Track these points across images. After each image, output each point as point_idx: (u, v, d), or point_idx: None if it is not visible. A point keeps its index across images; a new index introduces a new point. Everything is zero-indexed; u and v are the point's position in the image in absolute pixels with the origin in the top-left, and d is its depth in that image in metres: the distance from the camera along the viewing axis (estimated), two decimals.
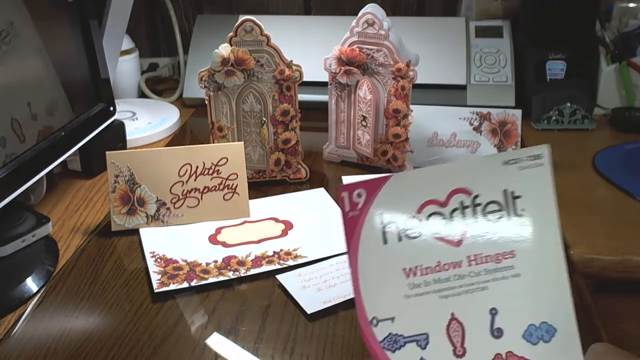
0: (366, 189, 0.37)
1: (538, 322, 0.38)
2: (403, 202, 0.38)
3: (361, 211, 0.37)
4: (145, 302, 0.61)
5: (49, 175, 0.81)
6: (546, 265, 0.38)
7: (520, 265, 0.38)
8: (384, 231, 0.37)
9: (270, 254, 0.68)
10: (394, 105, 0.83)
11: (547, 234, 0.38)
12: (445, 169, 0.38)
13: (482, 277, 0.38)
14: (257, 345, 0.55)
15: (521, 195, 0.38)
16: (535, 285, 0.38)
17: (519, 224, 0.38)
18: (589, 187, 0.84)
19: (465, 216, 0.38)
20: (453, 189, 0.38)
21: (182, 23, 1.29)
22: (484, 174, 0.38)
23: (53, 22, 0.75)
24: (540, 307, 0.38)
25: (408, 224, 0.38)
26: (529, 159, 0.38)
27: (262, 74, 0.80)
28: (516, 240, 0.38)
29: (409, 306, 0.37)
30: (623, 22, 1.12)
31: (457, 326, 0.38)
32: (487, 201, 0.38)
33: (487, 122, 0.86)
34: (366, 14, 0.82)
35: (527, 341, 0.38)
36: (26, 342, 0.55)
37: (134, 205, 0.73)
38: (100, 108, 0.84)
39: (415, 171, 0.38)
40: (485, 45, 1.11)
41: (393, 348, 0.37)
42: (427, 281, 0.38)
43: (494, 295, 0.38)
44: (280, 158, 0.84)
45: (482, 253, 0.38)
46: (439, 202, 0.38)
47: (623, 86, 1.07)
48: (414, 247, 0.37)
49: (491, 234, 0.38)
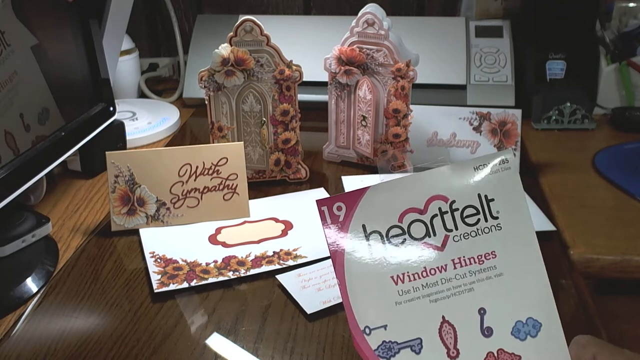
0: (345, 203, 0.38)
1: (524, 318, 0.39)
2: (383, 212, 0.38)
3: (342, 224, 0.38)
4: (145, 302, 0.61)
5: (49, 175, 0.81)
6: (525, 263, 0.39)
7: (502, 265, 0.39)
8: (368, 242, 0.38)
9: (270, 254, 0.68)
10: (394, 105, 0.83)
11: (523, 232, 0.40)
12: (420, 177, 0.39)
13: (467, 279, 0.39)
14: (256, 345, 0.55)
15: (494, 198, 0.39)
16: (518, 282, 0.39)
17: (495, 225, 0.39)
18: (589, 187, 0.84)
19: (445, 222, 0.39)
20: (430, 196, 0.39)
21: (182, 23, 1.29)
22: (457, 180, 0.39)
23: (53, 22, 0.75)
24: (524, 303, 0.39)
25: (391, 233, 0.38)
26: (498, 164, 0.40)
27: (262, 74, 0.80)
28: (495, 241, 0.39)
29: (400, 312, 0.38)
30: (623, 21, 1.12)
31: (448, 328, 0.38)
32: (464, 205, 0.39)
33: (487, 122, 0.86)
34: (366, 13, 0.82)
35: (516, 337, 0.39)
36: (26, 342, 0.55)
37: (133, 206, 0.73)
38: (100, 108, 0.84)
39: (391, 182, 0.39)
40: (485, 45, 1.11)
41: (388, 355, 0.38)
42: (415, 286, 0.38)
43: (481, 296, 0.39)
44: (280, 158, 0.84)
45: (464, 255, 0.39)
46: (418, 210, 0.39)
47: (623, 86, 1.07)
48: (399, 254, 0.38)
49: (471, 236, 0.39)
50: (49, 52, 0.73)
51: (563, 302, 0.63)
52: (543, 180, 0.85)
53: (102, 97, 0.85)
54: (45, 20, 0.73)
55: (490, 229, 0.39)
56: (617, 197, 0.81)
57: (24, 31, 0.67)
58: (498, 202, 0.39)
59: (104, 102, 0.85)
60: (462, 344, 0.38)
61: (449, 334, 0.38)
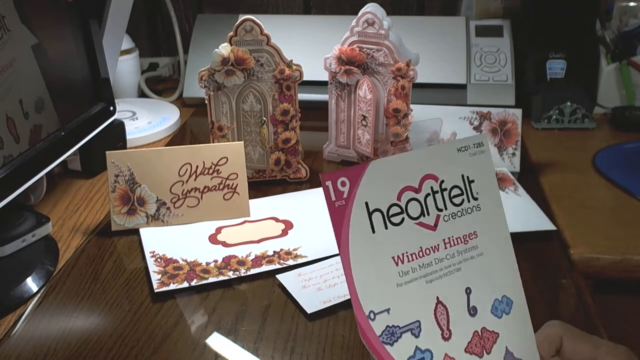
0: (348, 178, 0.38)
1: (500, 296, 0.41)
2: (384, 189, 0.39)
3: (347, 200, 0.38)
4: (145, 302, 0.61)
5: (49, 175, 0.81)
6: (499, 243, 0.41)
7: (482, 245, 0.41)
8: (370, 220, 0.38)
9: (270, 253, 0.68)
10: (394, 105, 0.83)
11: (496, 214, 0.41)
12: (415, 155, 0.41)
13: (456, 259, 0.40)
14: (257, 345, 0.55)
15: (474, 180, 0.41)
16: (495, 261, 0.41)
17: (475, 205, 0.41)
18: (589, 187, 0.84)
19: (437, 201, 0.40)
20: (424, 175, 0.40)
21: (182, 23, 1.29)
22: (444, 160, 0.41)
23: (53, 22, 0.75)
24: (500, 282, 0.41)
25: (391, 211, 0.39)
26: (475, 147, 0.41)
27: (262, 73, 0.80)
28: (475, 221, 0.41)
29: (400, 294, 0.38)
30: (623, 21, 1.12)
31: (442, 309, 0.39)
32: (451, 186, 0.40)
33: (487, 122, 0.86)
34: (366, 13, 0.82)
35: (494, 315, 0.40)
36: (26, 342, 0.55)
37: (134, 205, 0.73)
38: (100, 108, 0.84)
39: (390, 157, 0.40)
40: (486, 44, 1.11)
41: (391, 341, 0.38)
42: (413, 267, 0.39)
43: (468, 275, 0.40)
44: (280, 157, 0.84)
45: (453, 235, 0.40)
46: (414, 189, 0.39)
47: (623, 85, 1.07)
48: (398, 234, 0.39)
49: (458, 216, 0.40)
50: (49, 52, 0.73)
51: (563, 302, 0.63)
52: (543, 179, 0.85)
53: (102, 96, 0.85)
54: (46, 20, 0.73)
55: (473, 210, 0.41)
56: (618, 197, 0.81)
57: (24, 30, 0.67)
58: (477, 183, 0.41)
59: (104, 101, 0.85)
60: (453, 324, 0.39)
61: (442, 315, 0.39)
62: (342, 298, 0.59)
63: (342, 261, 0.38)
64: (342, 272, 0.63)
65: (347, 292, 0.60)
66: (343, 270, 0.38)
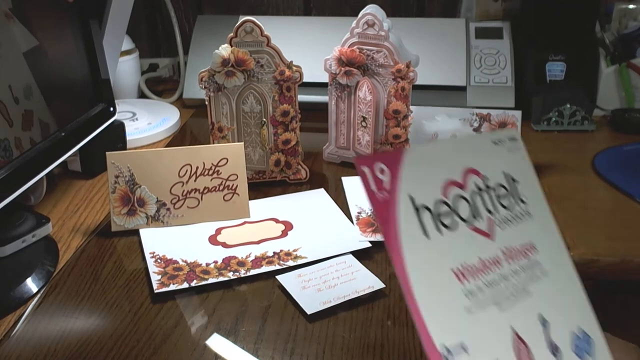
0: (386, 164, 0.31)
1: (576, 329, 0.33)
2: (427, 182, 0.32)
3: (390, 192, 0.30)
4: (145, 302, 0.61)
5: (49, 175, 0.81)
6: (561, 260, 0.34)
7: (544, 262, 0.33)
8: (420, 221, 0.31)
9: (270, 254, 0.68)
10: (394, 106, 0.83)
11: (549, 224, 0.35)
12: (450, 144, 0.34)
13: (522, 277, 0.32)
14: (257, 346, 0.55)
15: (518, 181, 0.35)
16: (562, 285, 0.33)
17: (526, 212, 0.34)
18: (589, 189, 0.84)
19: (485, 201, 0.33)
20: (466, 168, 0.33)
21: (182, 23, 1.29)
22: (482, 152, 0.35)
23: (53, 23, 0.75)
24: (572, 310, 0.33)
25: (440, 210, 0.31)
26: (509, 141, 0.35)
27: (262, 74, 0.80)
28: (530, 230, 0.34)
29: (473, 324, 0.30)
30: (623, 23, 1.12)
31: (522, 347, 0.31)
32: (496, 184, 0.34)
33: (487, 123, 0.86)
34: (366, 14, 0.82)
35: (578, 356, 0.32)
36: (26, 343, 0.55)
37: (134, 206, 0.73)
38: (101, 108, 0.84)
39: (424, 146, 0.33)
40: (485, 46, 1.11)
41: None
42: (479, 286, 0.31)
43: (538, 300, 0.32)
44: (280, 159, 0.84)
45: (511, 244, 0.33)
46: (458, 184, 0.33)
47: (623, 87, 1.07)
48: (453, 240, 0.31)
49: (510, 222, 0.34)
50: (49, 52, 0.73)
51: None
52: (543, 181, 0.85)
53: (102, 97, 0.85)
54: (46, 21, 0.73)
55: (524, 216, 0.34)
56: (617, 199, 0.81)
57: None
58: (522, 185, 0.35)
59: (104, 102, 0.85)
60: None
61: (523, 353, 0.31)
62: (342, 299, 0.59)
63: (398, 274, 0.29)
64: (342, 274, 0.64)
65: (347, 292, 0.60)
66: (402, 287, 0.28)
